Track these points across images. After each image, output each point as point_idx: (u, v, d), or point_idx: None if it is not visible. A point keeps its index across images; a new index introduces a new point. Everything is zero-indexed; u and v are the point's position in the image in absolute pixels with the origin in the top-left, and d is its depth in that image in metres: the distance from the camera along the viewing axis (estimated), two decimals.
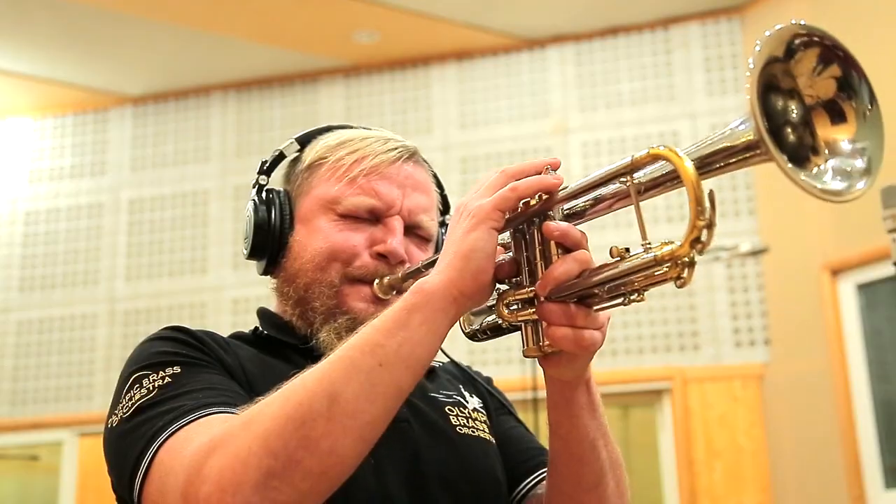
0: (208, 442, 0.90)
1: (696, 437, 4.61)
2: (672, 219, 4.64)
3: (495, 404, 1.33)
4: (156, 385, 1.03)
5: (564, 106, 5.24)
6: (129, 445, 0.99)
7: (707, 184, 0.83)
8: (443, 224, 1.32)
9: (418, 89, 5.49)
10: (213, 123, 5.74)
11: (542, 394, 1.11)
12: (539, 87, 5.32)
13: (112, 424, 1.04)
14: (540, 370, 1.04)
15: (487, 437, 1.24)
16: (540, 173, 0.97)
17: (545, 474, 1.19)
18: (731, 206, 4.85)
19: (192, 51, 5.40)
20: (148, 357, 1.08)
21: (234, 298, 5.39)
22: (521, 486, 1.24)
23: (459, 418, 1.23)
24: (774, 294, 4.70)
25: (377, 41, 5.29)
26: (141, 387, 1.03)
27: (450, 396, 1.27)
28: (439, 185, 1.33)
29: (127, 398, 1.04)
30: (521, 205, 0.96)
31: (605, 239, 1.77)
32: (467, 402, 1.28)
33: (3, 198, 5.92)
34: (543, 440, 1.13)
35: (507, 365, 4.60)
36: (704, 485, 4.54)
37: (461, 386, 1.31)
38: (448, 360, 1.33)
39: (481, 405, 1.30)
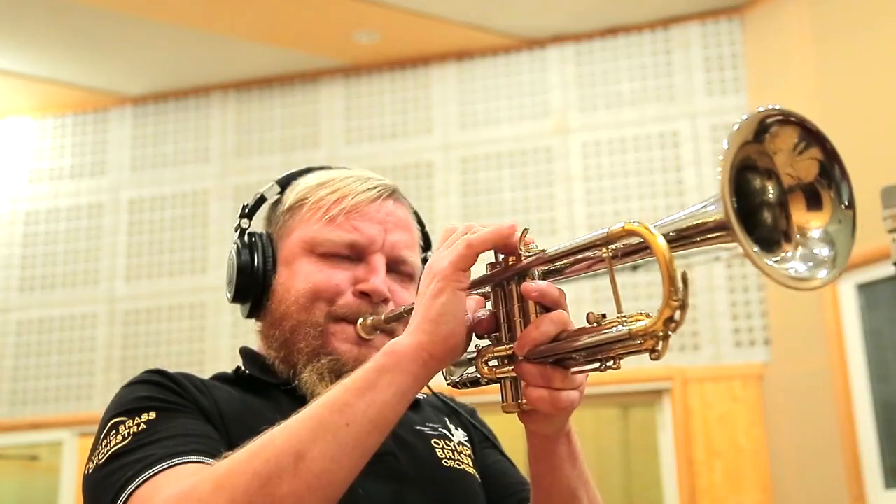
0: (176, 495, 0.91)
1: (696, 437, 4.61)
2: None
3: (479, 437, 1.33)
4: (130, 432, 1.05)
5: (564, 106, 5.24)
6: (101, 493, 1.01)
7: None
8: (425, 261, 1.32)
9: (418, 89, 5.49)
10: (213, 123, 5.74)
11: None
12: (539, 87, 5.31)
13: (88, 471, 1.06)
14: None
15: (472, 471, 1.25)
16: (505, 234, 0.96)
17: None
18: None
19: (192, 51, 5.40)
20: (125, 403, 1.10)
21: None
22: None
23: (445, 451, 1.24)
24: (774, 294, 4.69)
25: (377, 41, 5.28)
26: (117, 433, 1.05)
27: (435, 429, 1.27)
28: (420, 223, 1.33)
29: (103, 445, 1.06)
30: (500, 261, 0.97)
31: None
32: (452, 435, 1.29)
33: (3, 198, 5.92)
34: None
35: None
36: (704, 485, 4.54)
37: (446, 419, 1.32)
38: (431, 393, 1.32)
39: (466, 438, 1.31)
